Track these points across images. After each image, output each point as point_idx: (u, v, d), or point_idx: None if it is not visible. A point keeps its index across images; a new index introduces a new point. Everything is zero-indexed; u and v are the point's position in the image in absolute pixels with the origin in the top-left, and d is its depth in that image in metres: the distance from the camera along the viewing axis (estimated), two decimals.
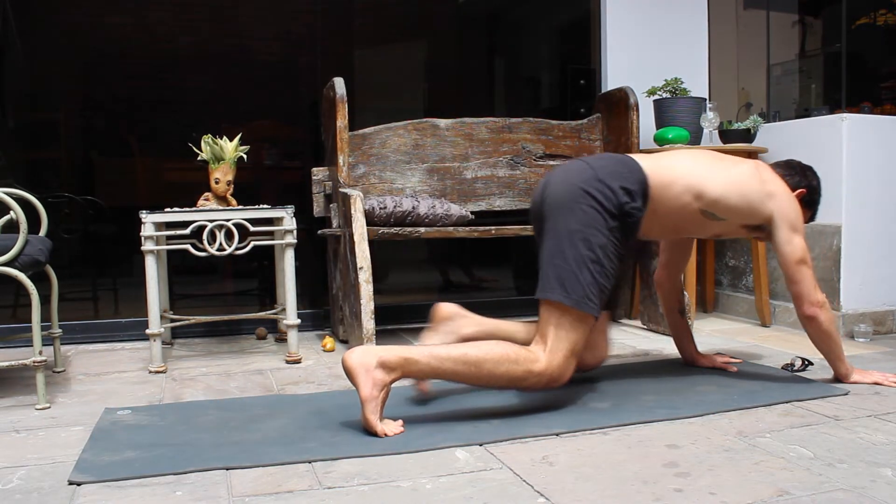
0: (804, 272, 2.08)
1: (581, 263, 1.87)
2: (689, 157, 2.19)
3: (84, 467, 1.56)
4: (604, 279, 1.89)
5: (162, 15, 3.53)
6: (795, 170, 2.29)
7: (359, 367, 1.72)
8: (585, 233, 1.88)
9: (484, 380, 1.82)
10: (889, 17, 4.64)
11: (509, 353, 1.82)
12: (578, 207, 1.90)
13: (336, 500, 1.40)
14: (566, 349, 1.86)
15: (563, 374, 1.86)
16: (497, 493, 1.41)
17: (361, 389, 1.72)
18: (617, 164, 2.01)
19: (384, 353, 1.75)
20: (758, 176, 2.13)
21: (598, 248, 1.88)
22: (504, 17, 4.32)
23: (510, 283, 4.15)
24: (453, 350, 1.82)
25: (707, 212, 2.08)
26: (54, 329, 2.53)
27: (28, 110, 3.48)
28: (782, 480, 1.46)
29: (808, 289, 2.08)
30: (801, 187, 2.25)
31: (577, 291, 1.85)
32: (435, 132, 3.18)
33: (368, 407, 1.72)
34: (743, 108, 4.14)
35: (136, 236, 2.52)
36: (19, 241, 2.05)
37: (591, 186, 1.92)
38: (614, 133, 3.32)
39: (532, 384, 1.85)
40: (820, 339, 2.15)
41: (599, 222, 1.89)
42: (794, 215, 2.11)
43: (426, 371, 1.79)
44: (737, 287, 3.53)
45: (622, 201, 1.92)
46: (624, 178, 1.95)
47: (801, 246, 2.09)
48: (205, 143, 2.70)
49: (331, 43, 3.81)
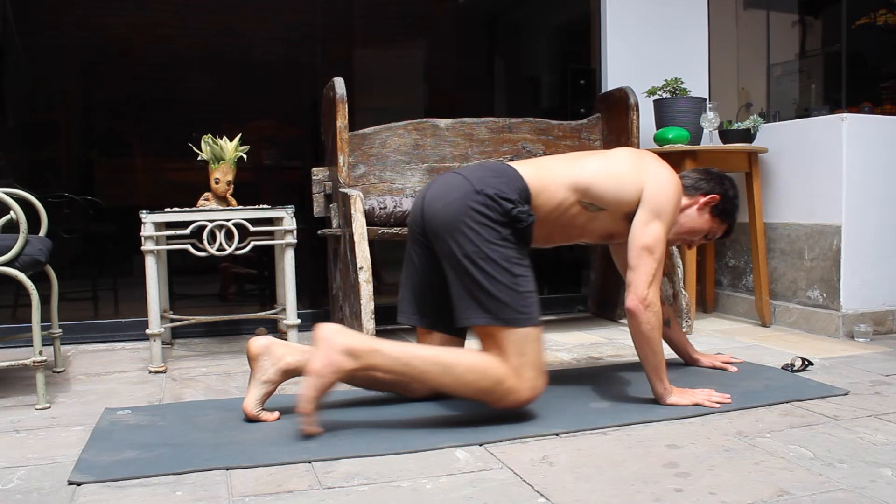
0: (646, 261, 1.90)
1: (495, 283, 1.76)
2: (565, 157, 2.09)
3: (84, 467, 1.56)
4: (523, 286, 1.79)
5: (162, 15, 3.52)
6: (711, 176, 2.16)
7: (323, 342, 1.70)
8: (485, 250, 1.77)
9: (451, 386, 1.76)
10: (889, 17, 4.64)
11: (481, 363, 1.76)
12: (468, 226, 1.78)
13: (336, 500, 1.40)
14: (530, 366, 1.76)
15: (535, 392, 1.78)
16: (497, 493, 1.41)
17: (314, 362, 1.68)
18: (494, 174, 1.88)
19: (354, 341, 1.71)
20: (634, 159, 2.02)
21: (502, 260, 1.77)
22: (504, 17, 4.32)
23: None
24: (425, 350, 1.79)
25: (584, 202, 1.96)
26: (54, 329, 2.53)
27: (28, 110, 3.48)
28: (782, 480, 1.46)
29: (642, 280, 1.90)
30: (713, 194, 2.12)
31: (504, 311, 1.75)
32: (435, 132, 3.18)
33: (311, 382, 1.67)
34: (743, 108, 4.14)
35: (136, 236, 2.52)
36: (19, 241, 2.05)
37: (472, 201, 1.80)
38: (614, 133, 3.33)
39: (497, 399, 1.77)
40: (637, 343, 1.95)
41: (493, 235, 1.78)
42: (663, 201, 1.94)
43: (392, 366, 1.73)
44: (737, 287, 3.53)
45: (507, 209, 1.80)
46: (504, 186, 1.84)
47: (655, 233, 1.92)
48: (205, 143, 2.70)
49: (331, 43, 3.81)
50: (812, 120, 3.15)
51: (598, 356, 2.66)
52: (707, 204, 2.12)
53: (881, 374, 2.32)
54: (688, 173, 2.19)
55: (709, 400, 1.96)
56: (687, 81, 3.39)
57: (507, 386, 1.75)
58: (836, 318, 2.96)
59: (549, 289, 4.11)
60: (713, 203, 2.12)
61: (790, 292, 3.20)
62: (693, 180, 2.15)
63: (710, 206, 2.13)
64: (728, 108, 3.99)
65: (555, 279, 4.11)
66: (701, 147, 3.26)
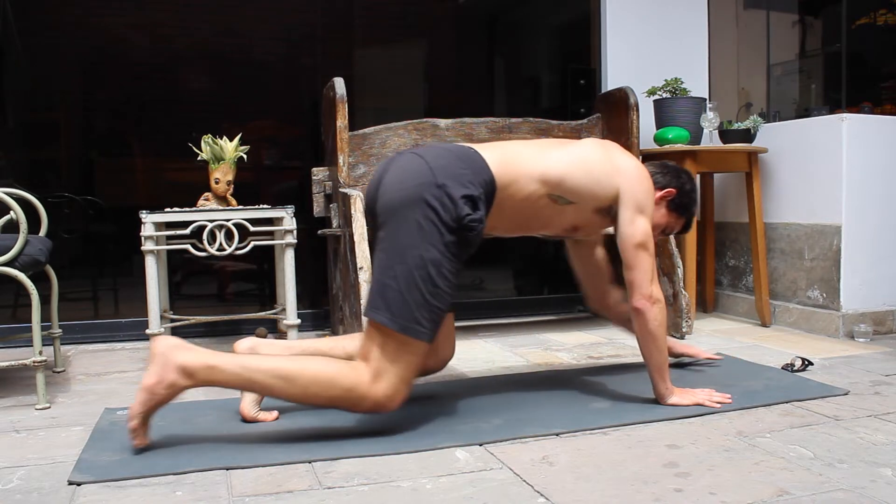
0: (643, 258, 1.89)
1: (411, 283, 1.67)
2: (532, 144, 2.01)
3: (84, 467, 1.56)
4: (437, 300, 1.69)
5: (162, 15, 3.52)
6: (668, 169, 2.12)
7: (159, 357, 1.64)
8: (419, 248, 1.68)
9: (299, 397, 1.68)
10: (889, 17, 4.64)
11: (328, 371, 1.67)
12: (413, 218, 1.69)
13: (336, 500, 1.40)
14: (394, 375, 1.68)
15: (391, 401, 1.69)
16: (497, 493, 1.41)
17: (147, 377, 1.62)
18: (459, 161, 1.77)
19: (189, 357, 1.63)
20: (603, 151, 1.98)
21: (432, 266, 1.68)
22: (504, 17, 4.32)
23: (510, 283, 4.14)
24: (265, 362, 1.68)
25: (554, 195, 1.90)
26: (54, 329, 2.53)
27: (28, 110, 3.48)
28: (782, 480, 1.46)
29: (644, 278, 1.89)
30: (670, 187, 2.08)
31: (405, 315, 1.67)
32: (435, 132, 3.18)
33: (142, 396, 1.61)
34: (743, 108, 4.13)
35: (136, 236, 2.52)
36: (19, 241, 2.05)
37: (428, 193, 1.69)
38: (614, 133, 3.32)
39: (353, 406, 1.70)
40: (644, 340, 1.93)
41: (435, 237, 1.68)
42: (642, 195, 1.93)
43: (233, 381, 1.66)
44: (737, 287, 3.53)
45: (462, 214, 1.70)
46: (468, 182, 1.74)
47: (644, 229, 1.90)
48: (205, 143, 2.70)
49: (331, 43, 3.81)
50: (812, 120, 3.15)
51: (598, 356, 2.66)
52: (663, 198, 2.08)
53: (881, 374, 2.32)
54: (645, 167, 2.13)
55: (709, 400, 1.96)
56: (687, 81, 3.39)
57: (359, 392, 1.67)
58: (836, 318, 2.96)
59: (549, 289, 4.11)
60: (669, 197, 2.08)
61: (790, 292, 3.20)
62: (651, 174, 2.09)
63: (666, 201, 2.09)
64: (728, 108, 3.99)
65: (555, 279, 4.11)
66: (701, 147, 3.26)
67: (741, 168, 3.26)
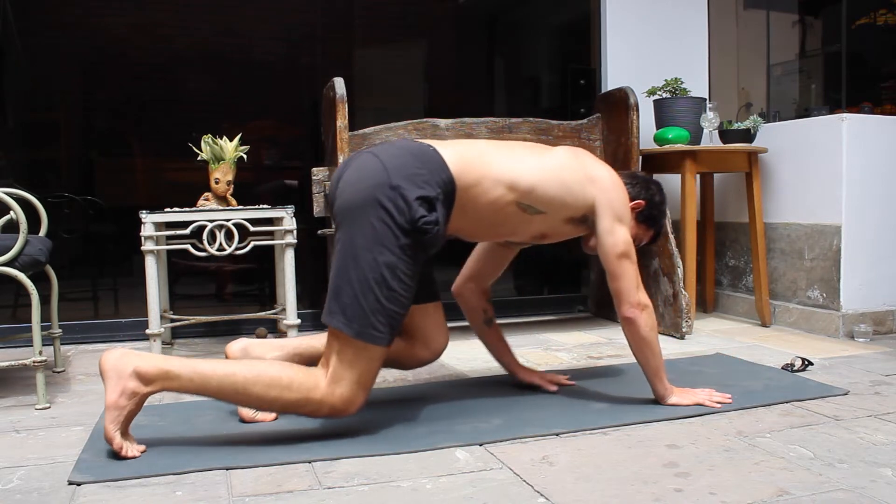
0: (626, 267, 1.86)
1: (366, 287, 1.65)
2: (500, 146, 1.94)
3: (84, 467, 1.56)
4: (393, 304, 1.66)
5: (162, 15, 3.52)
6: (637, 180, 2.07)
7: (111, 371, 1.60)
8: (373, 252, 1.65)
9: (256, 402, 1.67)
10: (889, 17, 4.65)
11: (283, 376, 1.65)
12: (367, 220, 1.66)
13: (336, 500, 1.40)
14: (351, 380, 1.66)
15: (349, 406, 1.68)
16: (497, 493, 1.41)
17: (108, 395, 1.59)
18: (415, 161, 1.72)
19: (143, 362, 1.61)
20: (576, 160, 1.92)
21: (386, 269, 1.65)
22: (504, 17, 4.32)
23: (510, 283, 4.14)
24: (220, 367, 1.65)
25: (523, 204, 1.84)
26: (54, 329, 2.53)
27: (28, 110, 3.48)
28: (782, 480, 1.46)
29: (630, 287, 1.86)
30: (639, 199, 2.03)
31: (360, 320, 1.65)
32: (435, 132, 3.18)
33: (110, 415, 1.59)
34: (743, 108, 4.14)
35: (136, 236, 2.52)
36: (19, 241, 2.05)
37: (383, 195, 1.66)
38: (614, 133, 3.32)
39: (311, 412, 1.68)
40: (637, 347, 1.92)
41: (389, 240, 1.65)
42: (619, 203, 1.89)
43: (188, 387, 1.63)
44: (737, 287, 3.53)
45: (417, 216, 1.66)
46: (424, 182, 1.69)
47: (624, 238, 1.87)
48: (205, 143, 2.70)
49: (331, 43, 3.81)
50: (812, 120, 3.15)
51: (597, 356, 2.66)
52: (633, 210, 2.01)
53: (881, 374, 2.32)
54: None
55: (709, 399, 1.95)
56: (687, 81, 3.39)
57: (318, 397, 1.66)
58: (836, 318, 2.96)
59: (549, 289, 4.11)
60: (639, 209, 2.04)
61: (790, 292, 3.20)
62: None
63: (635, 212, 2.03)
64: (728, 108, 3.99)
65: (555, 279, 4.11)
66: (701, 147, 3.26)
67: (741, 168, 3.26)
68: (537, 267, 4.07)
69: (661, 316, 3.06)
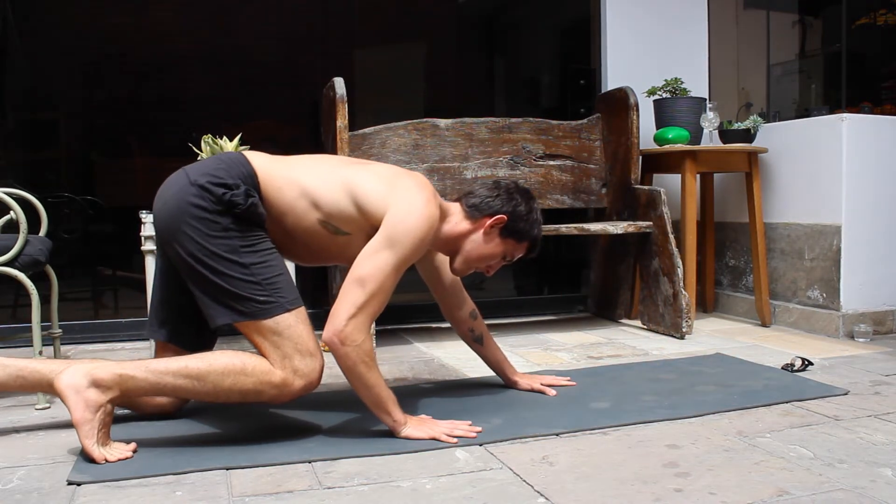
0: (353, 293, 1.66)
1: (225, 277, 1.66)
2: (311, 159, 1.89)
3: (84, 467, 1.56)
4: (260, 274, 1.68)
5: (162, 15, 3.53)
6: (499, 192, 1.88)
7: (68, 390, 1.60)
8: (206, 247, 1.66)
9: (212, 395, 1.66)
10: (889, 17, 4.65)
11: (236, 363, 1.66)
12: (187, 224, 1.67)
13: (336, 500, 1.40)
14: (293, 352, 1.67)
15: (312, 372, 1.68)
16: (497, 493, 1.41)
17: (73, 413, 1.59)
18: (215, 161, 1.75)
19: (97, 370, 1.61)
20: (387, 179, 1.78)
21: (229, 253, 1.66)
22: (504, 18, 4.32)
23: (510, 283, 4.15)
24: (172, 363, 1.66)
25: (327, 223, 1.77)
26: (54, 329, 2.53)
27: (28, 110, 3.48)
28: (782, 480, 1.46)
29: (342, 312, 1.66)
30: (500, 214, 1.85)
31: (245, 304, 1.67)
32: (435, 132, 3.18)
33: (82, 431, 1.59)
34: (743, 108, 4.14)
35: (136, 236, 2.52)
36: (19, 241, 2.05)
37: (188, 194, 1.68)
38: (614, 133, 3.33)
39: (273, 396, 1.67)
40: (347, 379, 1.71)
41: (213, 228, 1.66)
42: (402, 230, 1.68)
43: (146, 387, 1.64)
44: (737, 287, 3.53)
45: (219, 194, 1.66)
46: (224, 173, 1.70)
47: (378, 266, 1.67)
48: (205, 143, 2.70)
49: (331, 43, 3.81)
50: (812, 120, 3.16)
51: (597, 356, 2.66)
52: (493, 226, 1.85)
53: (881, 374, 2.32)
54: (476, 190, 1.91)
55: (448, 434, 1.72)
56: (687, 81, 3.39)
57: (276, 381, 1.66)
58: (836, 318, 2.96)
59: (549, 289, 4.12)
60: (500, 224, 1.85)
61: (790, 292, 3.20)
62: (480, 199, 1.87)
63: (497, 228, 1.86)
64: (728, 108, 3.99)
65: (555, 279, 4.11)
66: (701, 147, 3.26)
67: (741, 168, 3.26)
68: (537, 267, 4.07)
69: (661, 316, 3.06)
